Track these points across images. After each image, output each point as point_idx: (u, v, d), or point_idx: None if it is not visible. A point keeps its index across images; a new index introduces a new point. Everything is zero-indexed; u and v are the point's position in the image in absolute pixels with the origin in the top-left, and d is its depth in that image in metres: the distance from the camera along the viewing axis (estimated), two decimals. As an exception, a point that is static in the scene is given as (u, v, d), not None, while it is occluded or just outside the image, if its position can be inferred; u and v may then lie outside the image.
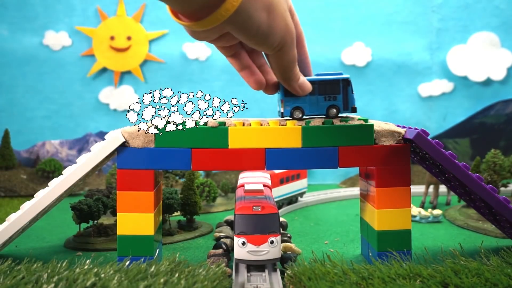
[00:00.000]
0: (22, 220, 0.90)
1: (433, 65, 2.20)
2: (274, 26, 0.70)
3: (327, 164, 0.89)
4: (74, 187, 0.92)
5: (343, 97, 0.91)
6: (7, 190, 1.83)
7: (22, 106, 2.16)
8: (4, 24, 2.15)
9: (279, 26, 0.71)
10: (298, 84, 0.83)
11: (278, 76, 0.81)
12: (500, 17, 2.19)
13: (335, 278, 0.73)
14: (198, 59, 2.17)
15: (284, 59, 0.77)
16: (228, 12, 0.64)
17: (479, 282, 0.70)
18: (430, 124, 2.20)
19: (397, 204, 0.90)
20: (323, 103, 0.90)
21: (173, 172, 1.66)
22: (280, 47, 0.74)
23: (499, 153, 1.42)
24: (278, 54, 0.75)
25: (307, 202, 1.60)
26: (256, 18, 0.67)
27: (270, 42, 0.72)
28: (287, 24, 0.72)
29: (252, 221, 0.85)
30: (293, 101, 0.90)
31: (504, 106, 2.21)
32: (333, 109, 0.91)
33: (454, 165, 0.87)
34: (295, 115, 0.90)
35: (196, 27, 0.67)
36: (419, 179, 1.92)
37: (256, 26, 0.68)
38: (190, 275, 0.72)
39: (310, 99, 0.90)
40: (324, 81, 0.90)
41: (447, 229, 1.24)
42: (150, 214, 0.88)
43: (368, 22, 2.19)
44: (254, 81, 0.84)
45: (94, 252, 1.07)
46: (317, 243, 1.12)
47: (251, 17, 0.67)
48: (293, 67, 0.79)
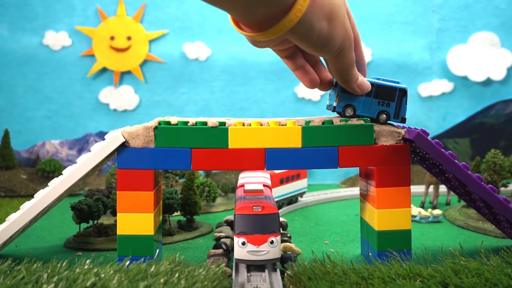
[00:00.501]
0: (22, 220, 0.90)
1: (433, 65, 2.20)
2: (334, 33, 0.71)
3: (327, 164, 0.89)
4: (74, 187, 0.92)
5: (396, 106, 0.92)
6: (7, 190, 1.83)
7: (22, 106, 2.16)
8: (4, 24, 2.15)
9: (339, 32, 0.72)
10: (357, 84, 0.85)
11: (338, 78, 0.83)
12: (500, 17, 2.19)
13: (335, 278, 0.73)
14: (198, 59, 2.17)
15: (342, 63, 0.78)
16: (291, 22, 0.65)
17: (479, 282, 0.70)
18: (430, 124, 2.20)
19: (397, 204, 0.90)
20: (376, 107, 0.91)
21: (173, 172, 1.66)
22: (339, 52, 0.75)
23: (499, 153, 1.42)
24: (336, 58, 0.76)
25: (307, 202, 1.60)
26: (318, 27, 0.68)
27: (329, 48, 0.73)
28: (346, 29, 0.73)
29: (252, 221, 0.85)
30: (347, 98, 0.90)
31: (504, 106, 2.21)
32: (384, 115, 0.91)
33: (454, 165, 0.87)
34: (347, 112, 0.91)
35: (259, 38, 0.68)
36: (419, 179, 1.92)
37: (317, 34, 0.69)
38: (190, 275, 0.71)
39: (365, 100, 0.90)
40: (383, 86, 0.91)
41: (447, 229, 1.24)
42: (150, 214, 0.88)
43: (368, 22, 2.19)
44: (308, 80, 0.85)
45: (94, 252, 1.07)
46: (317, 243, 1.12)
47: (313, 26, 0.68)
48: (351, 69, 0.80)
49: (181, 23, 2.19)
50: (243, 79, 2.16)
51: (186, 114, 2.13)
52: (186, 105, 2.18)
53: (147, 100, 2.17)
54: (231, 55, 2.16)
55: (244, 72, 2.16)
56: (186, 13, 2.19)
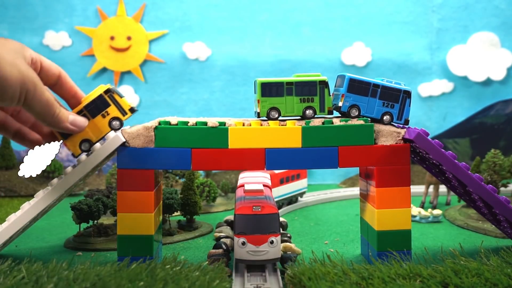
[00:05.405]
0: (22, 220, 0.90)
1: (433, 65, 2.20)
2: (6, 76, 0.68)
3: (327, 164, 0.89)
4: (74, 187, 0.92)
5: (400, 107, 0.92)
6: (7, 190, 1.83)
7: (22, 106, 2.16)
8: (4, 24, 2.15)
9: (11, 75, 0.69)
10: (69, 123, 0.81)
11: (43, 123, 0.79)
12: (500, 17, 2.19)
13: (335, 278, 0.73)
14: (198, 59, 2.17)
15: (36, 106, 0.74)
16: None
17: (479, 282, 0.70)
18: (430, 124, 2.20)
19: (397, 204, 0.90)
20: (380, 108, 0.91)
21: (173, 172, 1.65)
22: (25, 97, 0.72)
23: (499, 153, 1.42)
24: (26, 104, 0.73)
25: (307, 202, 1.60)
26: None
27: (9, 94, 0.69)
28: (21, 71, 0.70)
29: (252, 221, 0.85)
30: (353, 98, 0.90)
31: (504, 106, 2.21)
32: (388, 116, 0.91)
33: (454, 165, 0.87)
34: (352, 112, 0.90)
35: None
36: (419, 179, 1.92)
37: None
38: (190, 275, 0.71)
39: (370, 100, 0.90)
40: (388, 87, 0.91)
41: (447, 229, 1.24)
42: (150, 214, 0.88)
43: (368, 22, 2.19)
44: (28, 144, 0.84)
45: (94, 252, 1.07)
46: (317, 243, 1.12)
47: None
48: (50, 110, 0.77)
49: (181, 23, 2.19)
50: (243, 79, 2.16)
51: (186, 114, 2.13)
52: (186, 105, 2.18)
53: (147, 100, 2.17)
54: (231, 55, 2.16)
55: (244, 72, 2.16)
56: (186, 13, 2.19)
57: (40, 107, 0.75)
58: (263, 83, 0.90)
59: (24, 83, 0.71)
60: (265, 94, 0.89)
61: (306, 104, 0.90)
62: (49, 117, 0.77)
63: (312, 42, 2.18)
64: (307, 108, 0.90)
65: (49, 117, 0.77)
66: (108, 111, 0.87)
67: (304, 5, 2.18)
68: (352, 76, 0.91)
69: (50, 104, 0.76)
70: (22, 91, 0.71)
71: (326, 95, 0.90)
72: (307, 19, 2.19)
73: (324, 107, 0.91)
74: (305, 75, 0.91)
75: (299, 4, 2.19)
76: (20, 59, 0.72)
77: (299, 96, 0.90)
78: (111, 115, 0.87)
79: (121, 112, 0.87)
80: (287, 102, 0.90)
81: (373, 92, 0.91)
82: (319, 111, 0.91)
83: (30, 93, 0.72)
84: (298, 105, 0.90)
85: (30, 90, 0.72)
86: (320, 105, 0.90)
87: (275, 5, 2.19)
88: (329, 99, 0.91)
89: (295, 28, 2.19)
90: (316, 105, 0.90)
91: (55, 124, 0.80)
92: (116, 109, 0.87)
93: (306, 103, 0.90)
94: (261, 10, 2.19)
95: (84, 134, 0.86)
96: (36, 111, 0.75)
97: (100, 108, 0.86)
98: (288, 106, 0.90)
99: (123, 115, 0.87)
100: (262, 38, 2.18)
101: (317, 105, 0.90)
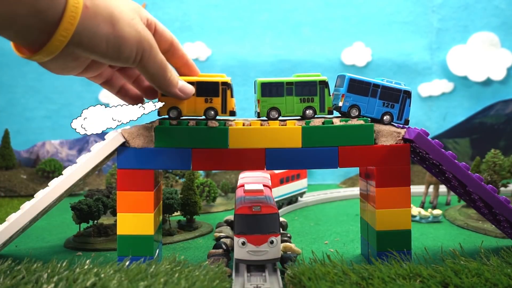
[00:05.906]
0: (22, 220, 0.90)
1: (433, 65, 2.20)
2: (124, 36, 0.67)
3: (327, 164, 0.89)
4: (74, 187, 0.92)
5: (400, 107, 0.92)
6: (7, 190, 1.83)
7: (22, 106, 2.16)
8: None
9: (129, 35, 0.68)
10: (178, 88, 0.81)
11: (154, 85, 0.79)
12: (500, 17, 2.19)
13: (335, 278, 0.73)
14: (198, 59, 2.17)
15: (151, 68, 0.74)
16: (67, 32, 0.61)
17: (479, 282, 0.70)
18: (430, 124, 2.20)
19: (397, 204, 0.90)
20: (380, 108, 0.91)
21: (173, 172, 1.66)
22: (140, 57, 0.71)
23: (499, 153, 1.42)
24: (142, 65, 0.73)
25: (307, 202, 1.60)
26: (101, 32, 0.65)
27: (126, 54, 0.69)
28: (139, 31, 0.70)
29: (252, 221, 0.85)
30: (353, 98, 0.90)
31: (504, 106, 2.21)
32: (388, 116, 0.91)
33: (454, 165, 0.87)
34: (352, 112, 0.90)
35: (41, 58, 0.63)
36: (419, 179, 1.92)
37: (105, 41, 0.65)
38: (190, 275, 0.72)
39: (370, 100, 0.90)
40: (388, 87, 0.91)
41: (447, 229, 1.24)
42: (150, 214, 0.88)
43: (368, 22, 2.19)
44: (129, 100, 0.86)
45: (94, 252, 1.07)
46: (317, 243, 1.12)
47: (95, 33, 0.64)
48: (164, 73, 0.76)
49: (181, 23, 2.19)
50: (243, 79, 2.16)
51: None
52: (186, 105, 2.18)
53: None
54: (231, 55, 2.16)
55: (244, 72, 2.16)
56: (186, 13, 2.19)
57: (154, 68, 0.74)
58: (263, 83, 0.90)
59: (141, 42, 0.70)
60: (265, 94, 0.89)
61: (306, 104, 0.90)
62: (162, 79, 0.77)
63: (312, 42, 2.18)
64: (307, 108, 0.90)
65: (162, 79, 0.77)
66: (213, 99, 0.87)
67: (304, 5, 2.18)
68: (352, 76, 0.91)
69: (164, 67, 0.76)
70: (139, 51, 0.70)
71: (326, 95, 0.90)
72: (307, 19, 2.19)
73: (324, 107, 0.91)
74: (305, 75, 0.91)
75: (299, 4, 2.20)
76: (137, 18, 0.71)
77: (299, 96, 0.90)
78: (213, 104, 0.88)
79: (222, 108, 0.88)
80: (287, 102, 0.90)
81: (373, 92, 0.91)
82: (319, 111, 0.91)
83: (146, 54, 0.71)
84: (298, 105, 0.90)
85: (146, 50, 0.71)
86: (320, 105, 0.90)
87: (275, 5, 2.19)
88: (329, 99, 0.91)
89: (295, 28, 2.19)
90: (316, 105, 0.90)
91: (165, 88, 0.79)
92: (220, 102, 0.88)
93: (306, 103, 0.90)
94: (261, 10, 2.19)
95: (180, 103, 0.86)
96: (151, 72, 0.75)
97: (209, 92, 0.87)
98: (288, 106, 0.90)
99: (222, 112, 0.88)
100: (262, 38, 2.18)
101: (317, 105, 0.90)
